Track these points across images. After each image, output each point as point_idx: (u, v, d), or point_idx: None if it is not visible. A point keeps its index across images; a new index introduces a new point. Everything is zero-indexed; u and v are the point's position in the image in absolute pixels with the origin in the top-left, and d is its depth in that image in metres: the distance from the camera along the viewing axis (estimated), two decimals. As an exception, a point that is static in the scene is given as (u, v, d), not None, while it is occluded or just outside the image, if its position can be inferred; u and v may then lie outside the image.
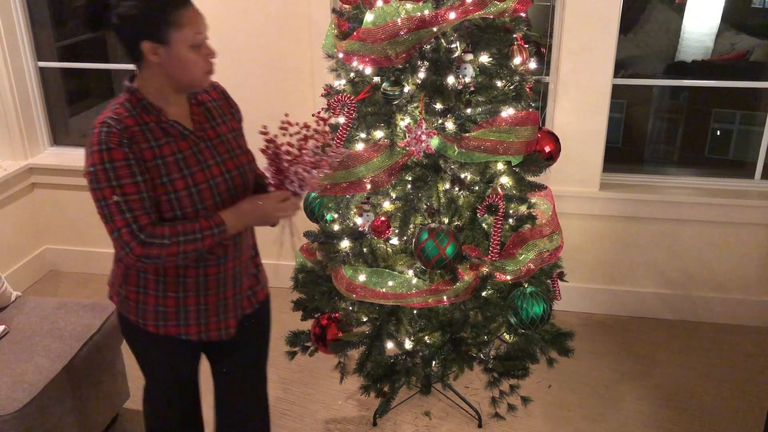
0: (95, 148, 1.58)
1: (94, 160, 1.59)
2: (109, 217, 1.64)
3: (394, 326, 2.41)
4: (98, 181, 1.62)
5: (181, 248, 1.64)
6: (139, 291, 1.79)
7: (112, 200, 1.63)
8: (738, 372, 3.07)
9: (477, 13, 2.06)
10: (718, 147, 4.11)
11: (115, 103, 1.65)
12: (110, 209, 1.64)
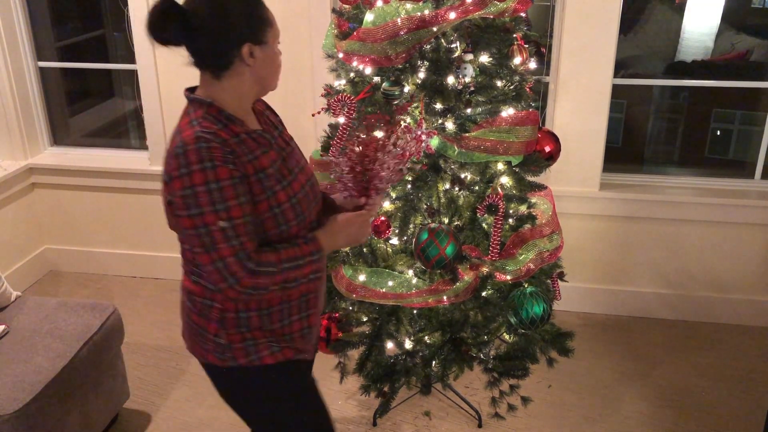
0: (195, 167, 1.39)
1: (194, 180, 1.39)
2: (212, 246, 1.42)
3: (394, 326, 2.41)
4: (198, 204, 1.40)
5: (284, 275, 1.49)
6: (243, 330, 1.59)
7: (216, 226, 1.41)
8: (738, 372, 3.07)
9: (477, 13, 2.06)
10: (718, 147, 4.11)
11: (193, 118, 1.47)
12: (213, 237, 1.41)
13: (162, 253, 3.86)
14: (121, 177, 3.69)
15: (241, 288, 1.45)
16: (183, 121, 1.49)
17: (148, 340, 3.32)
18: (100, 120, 4.32)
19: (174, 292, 3.72)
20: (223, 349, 1.60)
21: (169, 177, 1.42)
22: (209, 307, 1.58)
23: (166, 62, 3.42)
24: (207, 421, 2.80)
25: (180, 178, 1.40)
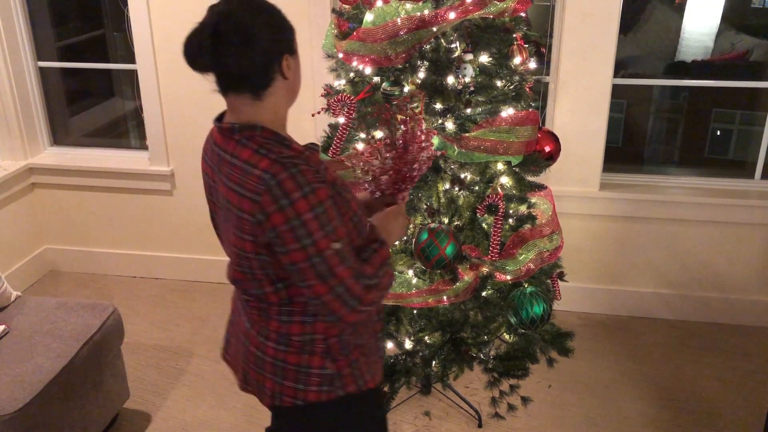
0: (296, 195, 1.28)
1: (299, 209, 1.28)
2: (329, 272, 1.32)
3: (394, 326, 2.41)
4: (310, 233, 1.29)
5: (382, 283, 1.42)
6: (347, 354, 1.51)
7: (330, 250, 1.31)
8: (738, 372, 3.07)
9: (477, 13, 2.06)
10: (718, 147, 4.11)
11: (255, 146, 1.34)
12: (329, 262, 1.32)
13: (162, 253, 3.86)
14: (121, 177, 3.69)
15: (362, 308, 1.38)
16: (244, 153, 1.34)
17: (148, 340, 3.32)
18: (100, 120, 4.32)
19: (174, 292, 3.75)
20: (331, 379, 1.50)
21: (264, 215, 1.29)
22: (310, 341, 1.47)
23: (166, 62, 3.42)
24: (207, 421, 2.80)
25: (281, 211, 1.28)
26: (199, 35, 1.33)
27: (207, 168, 1.49)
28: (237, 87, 1.37)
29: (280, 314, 1.46)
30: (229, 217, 1.38)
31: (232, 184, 1.35)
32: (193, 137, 3.55)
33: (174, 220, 3.77)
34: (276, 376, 1.51)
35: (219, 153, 1.40)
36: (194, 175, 3.62)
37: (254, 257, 1.37)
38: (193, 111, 3.49)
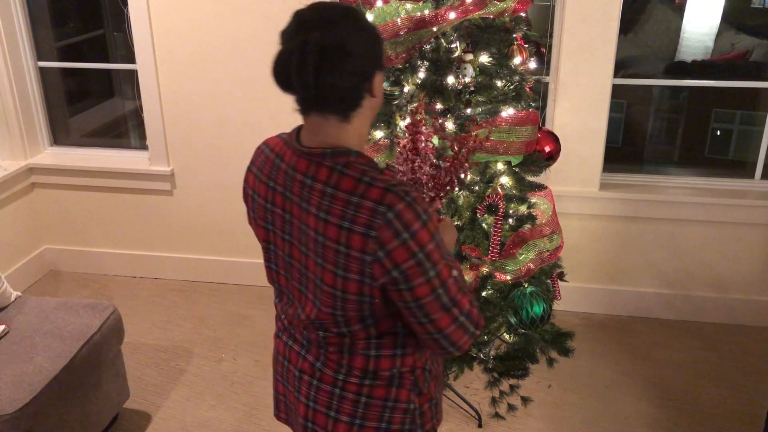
0: (417, 226, 1.17)
1: (422, 240, 1.18)
2: (453, 302, 1.24)
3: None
4: (434, 264, 1.20)
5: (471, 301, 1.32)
6: (427, 386, 1.42)
7: (451, 278, 1.23)
8: (738, 372, 3.07)
9: (477, 13, 2.06)
10: (718, 147, 4.11)
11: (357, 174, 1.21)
12: (450, 291, 1.23)
13: (162, 253, 3.86)
14: (121, 177, 3.69)
15: (478, 333, 1.28)
16: (346, 183, 1.20)
17: (148, 340, 3.32)
18: (100, 120, 4.32)
19: (174, 292, 3.75)
20: (413, 416, 1.39)
21: (384, 252, 1.17)
22: (399, 374, 1.36)
23: (166, 62, 3.42)
24: (207, 421, 2.80)
25: (404, 245, 1.16)
26: (301, 52, 1.20)
27: (266, 191, 1.32)
28: (325, 107, 1.24)
29: (367, 349, 1.33)
30: (322, 252, 1.22)
31: (331, 217, 1.20)
32: (193, 137, 3.56)
33: (174, 220, 3.77)
34: (355, 417, 1.37)
35: (302, 179, 1.25)
36: (194, 175, 3.63)
37: (356, 298, 1.23)
38: (193, 111, 3.49)
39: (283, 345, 1.46)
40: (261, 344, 3.28)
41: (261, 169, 1.35)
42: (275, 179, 1.30)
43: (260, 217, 1.35)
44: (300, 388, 1.41)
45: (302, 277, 1.31)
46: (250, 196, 1.37)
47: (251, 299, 3.68)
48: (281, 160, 1.30)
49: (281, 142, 1.34)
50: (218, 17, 3.27)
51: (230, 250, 3.77)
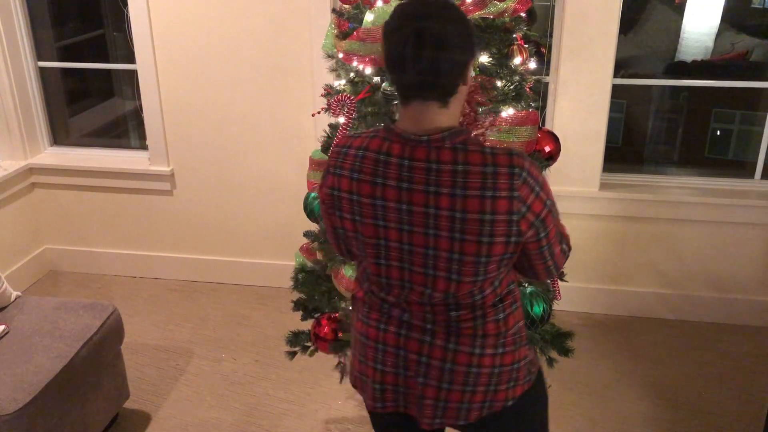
0: (541, 179, 1.37)
1: (546, 189, 1.38)
2: (561, 233, 1.48)
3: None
4: (554, 205, 1.41)
5: None
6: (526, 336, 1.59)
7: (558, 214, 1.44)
8: (738, 372, 3.07)
9: (477, 13, 2.06)
10: (718, 147, 4.11)
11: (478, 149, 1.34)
12: (558, 226, 1.45)
13: (162, 253, 3.86)
14: (121, 177, 3.69)
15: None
16: (475, 158, 1.32)
17: (148, 340, 3.32)
18: (100, 120, 4.32)
19: (174, 292, 3.76)
20: (529, 365, 1.55)
21: (527, 207, 1.32)
22: (518, 330, 1.51)
23: (166, 62, 3.42)
24: (207, 421, 2.80)
25: (538, 197, 1.34)
26: (417, 41, 1.27)
27: (372, 189, 1.37)
28: (430, 95, 1.33)
29: (496, 314, 1.46)
30: (461, 227, 1.32)
31: (469, 191, 1.30)
32: (193, 137, 3.56)
33: (174, 220, 3.77)
34: (489, 386, 1.48)
35: (425, 166, 1.33)
36: (194, 175, 3.63)
37: (498, 258, 1.36)
38: (193, 111, 3.49)
39: (394, 337, 1.50)
40: (261, 344, 3.29)
41: (358, 170, 1.39)
42: (384, 175, 1.36)
43: (368, 216, 1.40)
44: (428, 373, 1.47)
45: (428, 260, 1.38)
46: (346, 198, 1.42)
47: (251, 299, 3.68)
48: (389, 156, 1.36)
49: (376, 140, 1.40)
50: (218, 17, 3.27)
51: (230, 250, 3.77)
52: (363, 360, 1.55)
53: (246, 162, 3.55)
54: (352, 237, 1.46)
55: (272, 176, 3.54)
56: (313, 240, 2.46)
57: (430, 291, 1.41)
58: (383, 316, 1.51)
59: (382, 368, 1.52)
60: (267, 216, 3.64)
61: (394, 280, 1.44)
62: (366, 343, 1.54)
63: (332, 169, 1.44)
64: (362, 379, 1.57)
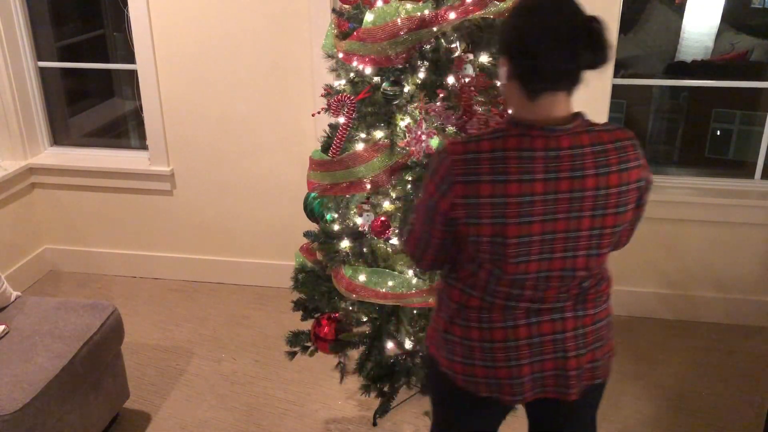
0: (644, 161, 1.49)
1: None
2: None
3: (394, 326, 2.41)
4: None
5: None
6: None
7: None
8: (738, 372, 3.07)
9: (477, 13, 2.06)
10: (718, 147, 4.11)
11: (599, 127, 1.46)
12: None
13: (162, 253, 3.86)
14: (121, 177, 3.69)
15: None
16: (604, 136, 1.44)
17: (148, 340, 3.32)
18: (100, 120, 4.32)
19: (174, 292, 3.75)
20: None
21: (646, 172, 1.49)
22: None
23: (166, 62, 3.42)
24: (207, 421, 2.80)
25: (646, 162, 1.49)
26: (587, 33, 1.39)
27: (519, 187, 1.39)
28: (563, 86, 1.40)
29: (607, 271, 1.62)
30: (603, 203, 1.43)
31: (611, 167, 1.42)
32: (193, 137, 3.56)
33: (174, 220, 3.77)
34: (606, 338, 1.62)
35: (571, 153, 1.40)
36: (194, 175, 3.63)
37: (627, 224, 1.52)
38: (193, 111, 3.49)
39: (525, 328, 1.54)
40: (261, 344, 3.29)
41: (502, 172, 1.39)
42: (531, 170, 1.39)
43: (512, 216, 1.40)
44: (566, 347, 1.55)
45: (568, 243, 1.45)
46: (487, 204, 1.40)
47: (251, 299, 3.68)
48: (532, 150, 1.39)
49: (510, 138, 1.40)
50: (218, 17, 3.27)
51: (230, 250, 3.77)
52: (490, 364, 1.56)
53: (246, 162, 3.54)
54: (486, 242, 1.43)
55: (272, 176, 3.54)
56: (313, 240, 2.46)
57: (570, 273, 1.48)
58: (508, 314, 1.53)
59: (517, 363, 1.55)
60: (267, 216, 3.64)
61: (531, 274, 1.46)
62: (491, 346, 1.54)
63: (461, 177, 1.40)
64: (489, 384, 1.58)
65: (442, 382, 1.66)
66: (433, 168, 1.46)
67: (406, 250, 1.66)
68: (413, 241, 1.59)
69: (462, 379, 1.60)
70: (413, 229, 1.57)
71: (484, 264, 1.48)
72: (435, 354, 1.65)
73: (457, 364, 1.59)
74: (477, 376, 1.58)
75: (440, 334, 1.62)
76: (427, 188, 1.48)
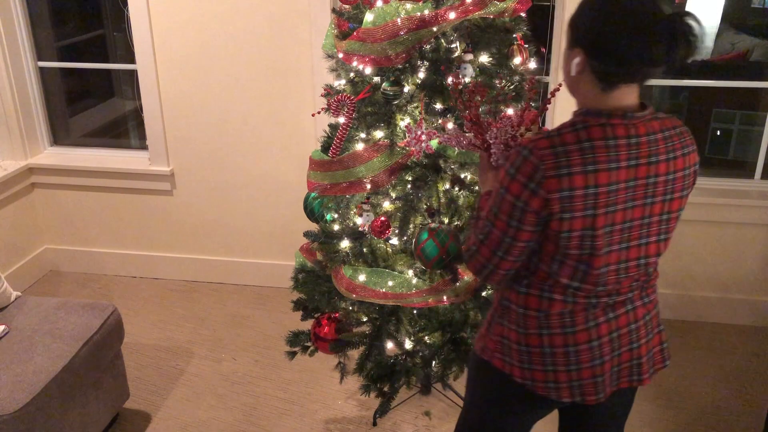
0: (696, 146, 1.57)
1: None
2: None
3: (394, 326, 2.41)
4: None
5: None
6: None
7: None
8: (738, 372, 3.07)
9: (477, 13, 2.06)
10: (718, 147, 4.11)
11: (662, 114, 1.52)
12: None
13: (162, 253, 3.86)
14: (121, 177, 3.69)
15: None
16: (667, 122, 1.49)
17: (148, 340, 3.32)
18: (100, 120, 4.32)
19: (174, 292, 3.75)
20: None
21: (697, 156, 1.52)
22: None
23: (166, 62, 3.42)
24: (207, 421, 2.80)
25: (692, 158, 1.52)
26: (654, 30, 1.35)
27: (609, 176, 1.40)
28: (642, 78, 1.44)
29: None
30: (672, 187, 1.47)
31: (676, 152, 1.46)
32: (193, 137, 3.56)
33: (174, 220, 3.77)
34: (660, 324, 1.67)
35: (659, 137, 1.45)
36: (194, 175, 3.63)
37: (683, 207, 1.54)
38: (193, 111, 3.49)
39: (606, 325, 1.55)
40: (261, 344, 3.29)
41: (592, 162, 1.39)
42: (616, 159, 1.40)
43: (602, 206, 1.41)
44: (638, 335, 1.59)
45: (642, 230, 1.47)
46: (580, 196, 1.39)
47: (251, 299, 3.68)
48: (615, 138, 1.41)
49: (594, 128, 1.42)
50: (218, 17, 3.27)
51: (230, 250, 3.77)
52: (574, 368, 1.55)
53: (246, 162, 3.54)
54: (576, 237, 1.42)
55: (272, 176, 3.54)
56: (313, 240, 2.46)
57: (644, 260, 1.50)
58: (589, 314, 1.53)
59: (600, 361, 1.56)
60: (267, 216, 3.64)
61: (612, 266, 1.47)
62: (576, 350, 1.54)
63: (552, 172, 1.38)
64: (572, 387, 1.57)
65: (512, 394, 1.63)
66: (514, 167, 1.41)
67: (473, 266, 1.55)
68: (489, 251, 1.49)
69: (542, 387, 1.57)
70: (489, 238, 1.49)
71: (568, 262, 1.46)
72: (502, 367, 1.61)
73: (537, 372, 1.56)
74: (560, 381, 1.56)
75: (511, 346, 1.58)
76: (509, 189, 1.42)
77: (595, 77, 1.42)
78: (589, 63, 1.41)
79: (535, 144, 1.40)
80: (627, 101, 1.44)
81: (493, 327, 1.63)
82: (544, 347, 1.54)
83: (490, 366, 1.64)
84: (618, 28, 1.35)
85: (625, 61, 1.37)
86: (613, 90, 1.43)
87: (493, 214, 1.47)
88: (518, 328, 1.56)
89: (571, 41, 1.46)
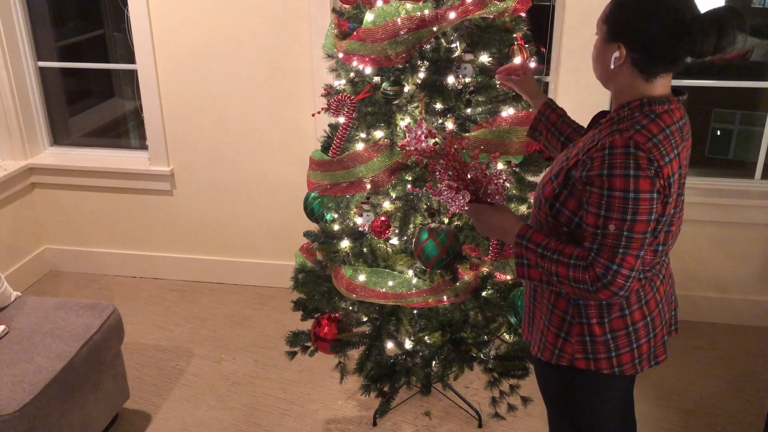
0: None
1: None
2: None
3: (394, 326, 2.41)
4: None
5: None
6: None
7: None
8: (738, 372, 3.07)
9: (477, 13, 2.06)
10: (718, 147, 4.11)
11: None
12: None
13: (162, 253, 3.86)
14: (121, 177, 3.69)
15: None
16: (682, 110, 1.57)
17: (148, 340, 3.32)
18: (100, 120, 4.32)
19: (174, 292, 3.75)
20: None
21: None
22: None
23: (166, 62, 3.42)
24: (207, 421, 2.80)
25: None
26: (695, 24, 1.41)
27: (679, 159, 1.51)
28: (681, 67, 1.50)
29: None
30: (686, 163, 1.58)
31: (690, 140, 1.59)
32: (193, 137, 3.56)
33: (174, 220, 3.77)
34: None
35: (684, 122, 1.55)
36: (194, 175, 3.63)
37: None
38: (193, 111, 3.49)
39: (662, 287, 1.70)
40: (261, 344, 3.29)
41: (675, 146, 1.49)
42: (686, 141, 1.55)
43: (676, 182, 1.51)
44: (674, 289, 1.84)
45: (679, 198, 1.57)
46: (676, 180, 1.50)
47: (251, 299, 3.68)
48: (682, 118, 1.54)
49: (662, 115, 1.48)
50: (218, 17, 3.27)
51: (230, 250, 3.77)
52: (651, 334, 1.66)
53: (246, 162, 3.54)
54: (669, 218, 1.53)
55: (272, 176, 3.54)
56: (313, 240, 2.46)
57: (679, 227, 1.62)
58: (653, 284, 1.64)
59: (665, 319, 1.71)
60: (267, 216, 3.64)
61: (671, 239, 1.60)
62: (651, 317, 1.65)
63: (662, 161, 1.43)
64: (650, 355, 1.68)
65: (603, 387, 1.74)
66: (630, 168, 1.40)
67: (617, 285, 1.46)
68: (633, 258, 1.45)
69: (629, 366, 1.66)
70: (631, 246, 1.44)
71: (652, 241, 1.54)
72: (587, 366, 1.64)
73: (625, 355, 1.64)
74: (642, 353, 1.66)
75: (595, 340, 1.62)
76: (640, 188, 1.41)
77: (637, 69, 1.48)
78: (631, 56, 1.47)
79: (637, 139, 1.43)
80: (668, 86, 1.52)
81: (572, 328, 1.63)
82: (628, 327, 1.61)
83: (575, 370, 1.67)
84: (664, 26, 1.42)
85: (674, 57, 1.45)
86: (656, 78, 1.49)
87: (628, 221, 1.42)
88: (600, 320, 1.61)
89: (609, 36, 1.49)
